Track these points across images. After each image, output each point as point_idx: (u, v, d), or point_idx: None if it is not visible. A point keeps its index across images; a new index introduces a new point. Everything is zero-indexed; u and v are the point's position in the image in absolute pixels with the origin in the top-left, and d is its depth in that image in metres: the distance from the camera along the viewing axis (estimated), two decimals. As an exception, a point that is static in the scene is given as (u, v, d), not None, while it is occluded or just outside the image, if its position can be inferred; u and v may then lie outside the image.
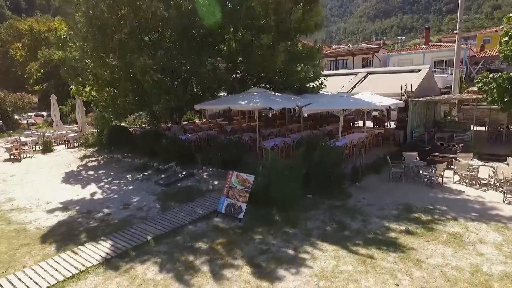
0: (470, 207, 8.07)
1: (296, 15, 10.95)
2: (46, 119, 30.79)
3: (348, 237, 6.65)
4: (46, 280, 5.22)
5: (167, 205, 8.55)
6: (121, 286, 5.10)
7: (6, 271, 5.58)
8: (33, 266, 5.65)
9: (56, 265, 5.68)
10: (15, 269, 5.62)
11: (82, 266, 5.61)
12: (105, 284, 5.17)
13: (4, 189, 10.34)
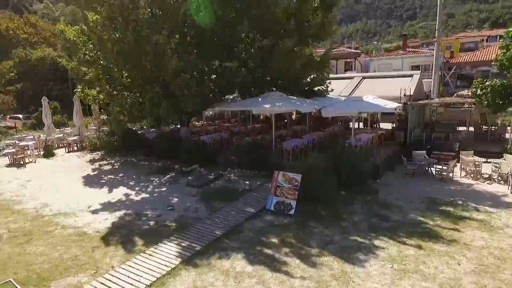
0: (484, 198, 9.23)
1: (315, 21, 11.72)
2: (25, 122, 29.18)
3: (395, 227, 7.47)
4: (145, 277, 5.50)
5: (212, 206, 8.90)
6: (218, 280, 5.51)
7: (96, 272, 5.76)
8: (122, 266, 5.88)
9: (144, 264, 5.94)
10: (104, 270, 5.82)
11: (170, 264, 5.93)
12: (201, 278, 5.56)
13: (31, 195, 10.11)
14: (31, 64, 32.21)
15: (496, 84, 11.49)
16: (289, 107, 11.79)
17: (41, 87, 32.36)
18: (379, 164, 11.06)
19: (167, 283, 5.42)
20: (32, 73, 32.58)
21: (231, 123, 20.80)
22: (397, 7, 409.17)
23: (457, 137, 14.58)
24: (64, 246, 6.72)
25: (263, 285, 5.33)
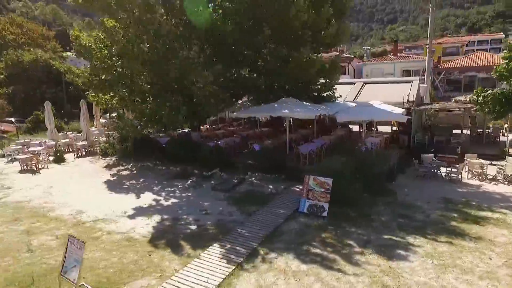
0: (494, 198, 10.04)
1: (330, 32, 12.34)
2: (18, 126, 28.50)
3: (421, 226, 8.10)
4: (211, 279, 5.87)
5: (245, 209, 9.30)
6: (279, 278, 5.95)
7: (162, 275, 6.08)
8: (185, 269, 6.21)
9: (204, 266, 6.30)
10: (168, 273, 6.14)
11: (229, 265, 6.32)
12: (263, 277, 5.97)
13: (60, 201, 10.20)
14: (23, 66, 31.46)
15: (496, 92, 12.42)
16: (307, 113, 12.33)
17: (34, 90, 31.74)
18: (393, 167, 11.74)
19: (233, 283, 5.81)
20: (24, 75, 31.83)
21: (234, 127, 21.20)
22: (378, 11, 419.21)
23: (458, 140, 15.56)
24: (118, 251, 6.98)
25: (322, 282, 5.80)
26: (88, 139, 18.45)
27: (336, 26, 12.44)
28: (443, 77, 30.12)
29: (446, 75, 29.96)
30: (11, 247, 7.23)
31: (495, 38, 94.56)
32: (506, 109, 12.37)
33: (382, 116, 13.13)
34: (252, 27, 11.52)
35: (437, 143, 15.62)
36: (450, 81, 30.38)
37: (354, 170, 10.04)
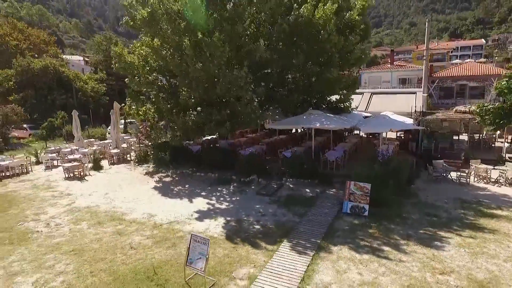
0: (501, 199, 11.85)
1: (356, 55, 14.05)
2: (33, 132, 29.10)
3: (447, 222, 9.79)
4: (297, 267, 7.35)
5: (294, 210, 10.80)
6: (350, 265, 7.47)
7: (255, 265, 7.52)
8: (272, 260, 7.67)
9: (287, 257, 7.78)
10: (259, 264, 7.58)
11: (306, 256, 7.81)
12: (337, 264, 7.49)
13: (128, 207, 11.44)
14: (33, 73, 32.02)
15: (496, 107, 14.38)
16: (337, 125, 13.98)
17: (45, 96, 32.34)
18: (412, 171, 13.47)
19: (315, 269, 7.31)
20: (34, 82, 32.39)
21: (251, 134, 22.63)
22: None
23: (461, 146, 17.51)
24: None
25: (385, 267, 7.37)
26: (118, 146, 19.55)
27: (360, 50, 14.16)
28: (436, 85, 32.39)
29: (439, 83, 32.25)
30: (114, 246, 8.51)
31: (477, 45, 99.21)
32: (505, 121, 14.33)
33: (399, 126, 14.89)
34: (289, 50, 13.06)
35: (441, 149, 17.52)
36: (443, 89, 32.70)
37: (383, 175, 11.69)
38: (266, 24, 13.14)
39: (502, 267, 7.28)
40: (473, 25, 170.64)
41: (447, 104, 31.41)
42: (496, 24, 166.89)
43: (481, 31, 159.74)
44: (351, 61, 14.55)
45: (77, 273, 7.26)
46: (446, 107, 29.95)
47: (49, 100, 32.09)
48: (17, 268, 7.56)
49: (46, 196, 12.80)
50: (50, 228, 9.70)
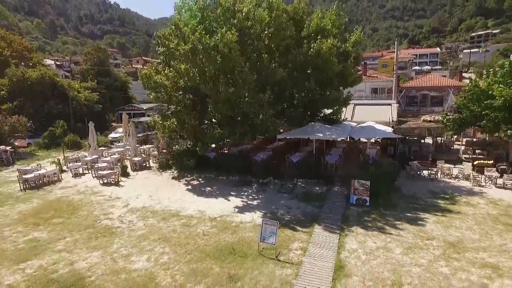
0: (461, 190, 15.74)
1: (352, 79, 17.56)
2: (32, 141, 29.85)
3: (425, 208, 13.37)
4: (332, 241, 10.47)
5: (312, 204, 13.91)
6: (367, 238, 10.71)
7: (301, 240, 10.53)
8: (312, 237, 10.73)
9: (321, 235, 10.86)
10: (305, 239, 10.61)
11: (335, 234, 10.95)
12: (358, 238, 10.70)
13: (177, 205, 13.93)
14: (30, 82, 32.65)
15: (455, 117, 18.50)
16: (336, 135, 17.34)
17: (42, 105, 33.09)
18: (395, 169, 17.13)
19: (344, 241, 10.46)
20: (29, 91, 32.99)
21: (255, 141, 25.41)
22: None
23: (428, 149, 21.64)
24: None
25: (391, 238, 10.68)
26: (136, 154, 21.64)
27: (355, 74, 17.69)
28: (403, 94, 37.16)
29: (405, 93, 37.04)
30: (189, 234, 11.14)
31: (433, 53, 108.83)
32: (462, 128, 18.51)
33: (383, 134, 18.56)
34: (302, 76, 16.24)
35: (414, 152, 21.53)
36: (409, 97, 37.54)
37: (377, 174, 15.16)
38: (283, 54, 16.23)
39: (464, 234, 10.88)
40: (429, 33, 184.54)
41: (412, 110, 36.25)
42: (448, 33, 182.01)
43: (436, 39, 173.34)
44: (348, 83, 18.05)
45: (175, 253, 9.87)
46: (412, 113, 34.72)
47: (46, 109, 32.86)
48: (125, 252, 10.01)
49: (98, 200, 14.94)
50: (126, 224, 12.09)
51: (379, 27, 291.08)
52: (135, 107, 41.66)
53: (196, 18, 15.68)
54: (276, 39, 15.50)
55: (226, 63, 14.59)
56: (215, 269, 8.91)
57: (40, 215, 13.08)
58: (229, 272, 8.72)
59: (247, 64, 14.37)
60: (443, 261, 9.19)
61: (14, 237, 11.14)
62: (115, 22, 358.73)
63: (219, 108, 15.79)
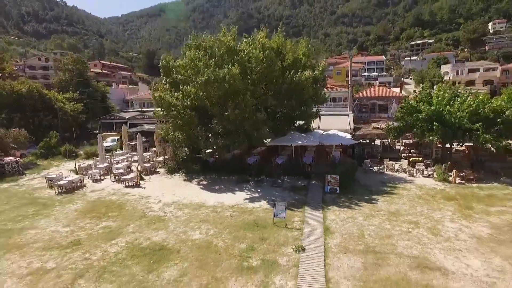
0: (399, 179, 22.01)
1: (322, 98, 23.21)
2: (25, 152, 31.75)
3: (376, 192, 19.24)
4: (318, 215, 15.76)
5: (299, 193, 19.16)
6: (341, 212, 16.15)
7: (298, 215, 15.69)
8: (305, 214, 15.95)
9: (311, 212, 16.11)
10: (300, 216, 15.80)
11: (320, 210, 16.28)
12: (335, 213, 16.10)
13: (199, 199, 18.36)
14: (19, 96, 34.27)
15: (395, 126, 24.95)
16: (311, 142, 22.79)
17: (32, 117, 34.85)
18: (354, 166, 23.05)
19: (327, 214, 15.79)
20: (19, 104, 34.57)
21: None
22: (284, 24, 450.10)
23: (377, 150, 28.05)
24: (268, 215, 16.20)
25: (355, 212, 16.22)
26: (143, 161, 25.39)
27: (324, 95, 23.45)
28: (356, 103, 44.23)
29: (358, 102, 44.14)
30: (221, 217, 15.75)
31: (379, 60, 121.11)
32: (400, 134, 25.04)
33: (345, 141, 24.42)
34: (286, 99, 21.47)
35: (367, 153, 27.84)
36: (361, 105, 44.73)
37: (343, 171, 20.85)
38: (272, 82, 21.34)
39: (400, 207, 16.80)
40: (375, 40, 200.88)
41: (363, 117, 43.44)
42: (392, 41, 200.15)
43: (382, 46, 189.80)
44: (318, 102, 23.65)
45: (217, 228, 14.48)
46: (364, 119, 41.83)
47: (36, 121, 34.68)
48: (181, 230, 14.39)
49: (133, 199, 18.85)
50: (169, 214, 16.35)
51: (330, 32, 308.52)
52: (117, 116, 44.16)
53: (206, 55, 20.21)
54: (267, 71, 20.59)
55: (231, 90, 19.36)
56: (249, 235, 13.71)
57: (94, 212, 16.82)
58: (259, 236, 13.59)
59: (247, 92, 19.28)
60: (387, 222, 14.88)
61: (89, 226, 14.96)
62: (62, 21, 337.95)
63: (225, 124, 20.49)
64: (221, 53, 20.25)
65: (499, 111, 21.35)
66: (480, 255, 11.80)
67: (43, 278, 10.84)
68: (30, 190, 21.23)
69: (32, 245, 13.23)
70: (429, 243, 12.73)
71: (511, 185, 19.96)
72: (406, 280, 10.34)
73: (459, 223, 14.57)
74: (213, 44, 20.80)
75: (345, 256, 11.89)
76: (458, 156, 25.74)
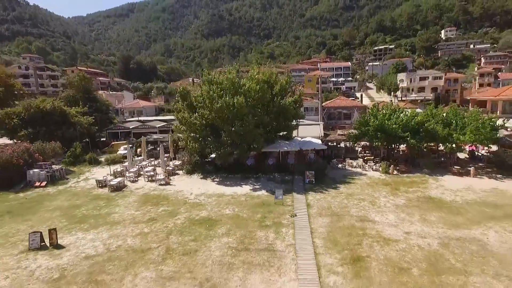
0: (356, 173, 31.07)
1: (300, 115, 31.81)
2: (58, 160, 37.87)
3: (340, 182, 28.06)
4: (302, 198, 24.27)
5: (287, 185, 27.58)
6: (321, 196, 24.74)
7: (289, 198, 24.12)
8: (294, 196, 24.42)
9: (297, 196, 24.59)
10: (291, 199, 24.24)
11: (304, 195, 24.80)
12: (313, 196, 24.68)
13: (221, 191, 26.29)
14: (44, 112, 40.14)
15: (355, 134, 34.08)
16: (292, 148, 31.33)
17: (56, 131, 40.80)
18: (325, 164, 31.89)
19: (308, 197, 24.31)
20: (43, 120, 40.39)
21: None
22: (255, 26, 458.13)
23: (342, 151, 37.16)
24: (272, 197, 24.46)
25: (327, 195, 24.87)
26: (165, 165, 32.79)
27: (301, 112, 32.12)
28: (325, 112, 53.57)
29: (327, 111, 53.49)
30: (239, 201, 23.78)
31: (345, 66, 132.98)
32: (357, 140, 34.25)
33: (317, 146, 33.15)
34: (276, 117, 29.85)
35: (334, 154, 36.84)
36: (329, 114, 54.13)
37: (317, 168, 29.54)
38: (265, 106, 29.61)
39: (355, 190, 25.70)
40: (342, 45, 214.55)
41: (332, 123, 52.80)
42: (357, 45, 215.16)
43: (348, 51, 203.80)
44: (298, 118, 32.29)
45: (238, 207, 22.51)
46: (332, 125, 51.16)
47: (59, 134, 40.63)
48: (216, 209, 22.27)
49: (171, 193, 26.35)
50: (203, 200, 24.12)
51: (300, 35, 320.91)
52: (121, 126, 50.61)
53: (218, 88, 28.15)
54: (262, 98, 28.84)
55: (237, 113, 27.47)
56: (261, 210, 21.89)
57: (149, 202, 24.26)
58: (267, 210, 21.80)
59: (249, 114, 27.47)
60: (345, 199, 23.61)
61: (153, 210, 22.46)
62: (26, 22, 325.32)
63: (232, 137, 28.55)
64: (228, 86, 28.28)
65: (421, 123, 30.99)
66: (394, 213, 20.78)
67: (147, 235, 18.44)
68: (85, 190, 28.10)
69: (124, 222, 20.65)
70: (368, 209, 21.57)
71: (428, 174, 29.59)
72: (353, 226, 19.00)
73: (388, 198, 23.65)
74: (222, 81, 28.75)
75: (320, 217, 20.43)
76: (399, 155, 35.36)
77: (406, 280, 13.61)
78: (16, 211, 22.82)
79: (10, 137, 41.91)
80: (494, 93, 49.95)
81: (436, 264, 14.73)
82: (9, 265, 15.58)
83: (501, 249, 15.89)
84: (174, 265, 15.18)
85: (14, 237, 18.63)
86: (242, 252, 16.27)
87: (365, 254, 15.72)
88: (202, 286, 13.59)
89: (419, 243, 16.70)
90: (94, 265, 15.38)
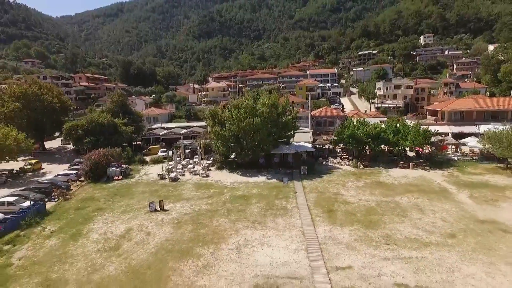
0: (337, 168, 45.03)
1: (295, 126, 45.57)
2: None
3: (320, 174, 41.97)
4: (299, 183, 38.14)
5: (288, 176, 41.33)
6: (315, 182, 38.59)
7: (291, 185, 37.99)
8: (295, 183, 38.31)
9: (297, 181, 38.42)
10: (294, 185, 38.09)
11: (301, 181, 38.67)
12: (308, 182, 38.55)
13: (248, 180, 39.92)
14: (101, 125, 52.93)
15: (336, 139, 48.06)
16: (290, 150, 45.11)
17: (110, 139, 53.63)
18: (314, 161, 45.79)
19: (303, 183, 38.13)
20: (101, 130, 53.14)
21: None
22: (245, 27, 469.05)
23: (326, 152, 51.09)
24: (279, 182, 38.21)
25: (318, 183, 38.74)
26: (201, 163, 46.18)
27: (297, 125, 45.97)
28: (313, 119, 67.61)
29: (314, 119, 67.54)
30: (260, 185, 37.48)
31: (332, 73, 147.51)
32: (337, 144, 48.25)
33: (308, 149, 46.93)
34: (279, 128, 43.52)
35: (321, 154, 50.78)
36: (316, 121, 68.20)
37: (309, 164, 43.42)
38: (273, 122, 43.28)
39: (332, 178, 39.71)
40: (330, 50, 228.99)
41: (319, 129, 66.86)
42: (343, 50, 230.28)
43: (335, 55, 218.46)
44: (295, 129, 46.02)
45: (260, 189, 36.19)
46: (319, 131, 65.24)
47: (112, 140, 53.42)
48: (247, 190, 35.87)
49: (213, 182, 39.77)
50: (237, 186, 37.69)
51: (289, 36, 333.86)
52: (153, 133, 63.61)
53: (242, 111, 41.72)
54: (270, 117, 42.56)
55: (257, 128, 41.21)
56: (274, 190, 35.60)
57: (203, 188, 37.63)
58: (279, 190, 35.53)
59: (264, 128, 41.22)
60: (327, 184, 37.49)
61: (207, 192, 35.90)
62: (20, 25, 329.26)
63: (251, 144, 42.19)
64: (249, 110, 41.93)
65: (379, 133, 45.23)
66: (355, 190, 34.80)
67: (212, 204, 31.93)
68: (151, 181, 41.28)
69: (192, 198, 34.01)
70: (341, 189, 35.55)
71: (383, 167, 43.78)
72: (330, 198, 32.91)
73: (353, 182, 37.71)
74: (246, 106, 42.27)
75: (311, 193, 34.28)
76: (365, 154, 49.54)
77: (352, 218, 27.55)
78: (120, 194, 36.04)
79: (74, 143, 54.65)
80: (442, 105, 64.51)
81: (370, 211, 28.77)
82: (145, 218, 28.95)
83: (406, 205, 30.03)
84: (235, 216, 28.80)
85: (134, 206, 31.92)
86: (268, 210, 29.98)
87: (335, 209, 29.67)
88: (254, 223, 27.24)
89: (364, 204, 30.73)
90: (193, 217, 28.88)
